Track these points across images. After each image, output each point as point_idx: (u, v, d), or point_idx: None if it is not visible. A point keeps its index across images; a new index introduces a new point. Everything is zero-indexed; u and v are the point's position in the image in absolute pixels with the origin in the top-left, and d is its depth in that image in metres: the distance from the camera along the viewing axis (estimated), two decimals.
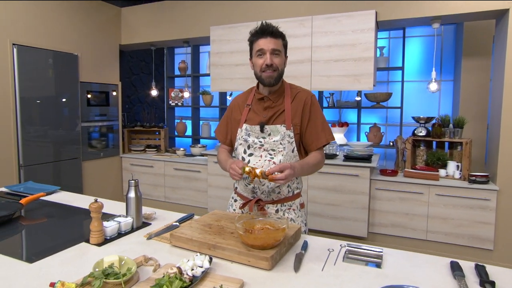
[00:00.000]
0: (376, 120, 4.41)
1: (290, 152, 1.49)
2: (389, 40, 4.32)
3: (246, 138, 1.54)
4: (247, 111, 1.58)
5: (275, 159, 1.48)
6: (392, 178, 3.21)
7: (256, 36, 1.46)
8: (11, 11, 3.22)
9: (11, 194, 2.01)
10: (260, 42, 1.44)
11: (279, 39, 1.45)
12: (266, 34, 1.43)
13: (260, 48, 1.44)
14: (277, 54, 1.45)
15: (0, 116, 3.16)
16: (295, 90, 1.56)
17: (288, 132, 1.49)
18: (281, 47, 1.47)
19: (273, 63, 1.44)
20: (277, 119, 1.52)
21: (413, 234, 3.15)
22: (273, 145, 1.49)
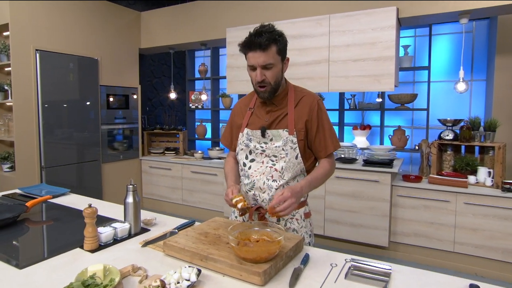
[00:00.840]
0: (401, 122, 4.19)
1: (293, 158, 1.40)
2: (415, 39, 4.10)
3: (248, 143, 1.46)
4: (249, 115, 1.50)
5: (277, 166, 1.40)
6: (416, 184, 3.01)
7: (244, 49, 1.33)
8: (34, 18, 3.33)
9: (24, 196, 2.05)
10: (250, 56, 1.32)
11: (270, 49, 1.29)
12: (255, 48, 1.29)
13: (250, 64, 1.34)
14: (270, 67, 1.32)
15: (24, 119, 3.27)
16: (300, 94, 1.46)
17: (291, 137, 1.39)
18: (275, 58, 1.32)
19: (264, 78, 1.34)
20: (279, 123, 1.42)
21: (439, 245, 2.94)
22: (275, 151, 1.41)
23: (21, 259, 1.22)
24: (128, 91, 4.40)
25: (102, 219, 1.64)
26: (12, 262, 1.18)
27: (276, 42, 1.31)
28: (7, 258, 1.21)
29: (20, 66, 3.22)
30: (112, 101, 4.17)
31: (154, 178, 4.57)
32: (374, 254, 3.21)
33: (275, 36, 1.30)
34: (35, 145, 3.36)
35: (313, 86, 3.46)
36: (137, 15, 4.55)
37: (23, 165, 3.29)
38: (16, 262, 1.18)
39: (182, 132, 4.81)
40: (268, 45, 1.29)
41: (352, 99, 4.14)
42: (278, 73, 1.36)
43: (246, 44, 1.31)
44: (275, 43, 1.30)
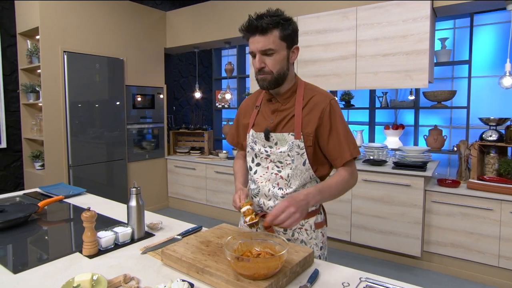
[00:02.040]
0: (438, 122, 3.88)
1: (300, 165, 1.24)
2: (454, 31, 3.76)
3: (253, 145, 1.34)
4: (256, 114, 1.36)
5: (283, 173, 1.26)
6: (453, 189, 2.74)
7: (245, 34, 1.21)
8: (62, 20, 3.43)
9: (42, 195, 2.08)
10: (250, 41, 1.20)
11: (271, 34, 1.15)
12: (254, 32, 1.17)
13: (250, 50, 1.21)
14: (270, 53, 1.17)
15: (52, 119, 3.38)
16: (310, 92, 1.28)
17: (297, 142, 1.23)
18: (276, 43, 1.17)
19: (264, 65, 1.19)
20: (286, 126, 1.26)
21: (480, 258, 2.65)
22: (279, 157, 1.26)
23: (18, 263, 1.19)
24: (154, 91, 4.44)
25: (109, 222, 1.61)
26: (9, 265, 1.15)
27: (279, 25, 1.16)
28: (5, 261, 1.19)
29: (49, 67, 3.33)
30: (138, 101, 4.22)
31: (179, 177, 4.59)
32: (406, 264, 2.97)
33: (278, 20, 1.16)
34: (63, 144, 3.46)
35: (339, 84, 3.27)
36: (163, 15, 4.58)
37: (52, 164, 3.40)
38: (12, 266, 1.15)
39: (207, 131, 4.78)
40: (268, 28, 1.15)
41: (384, 97, 3.89)
42: (282, 62, 1.20)
43: (246, 27, 1.19)
44: (277, 27, 1.16)
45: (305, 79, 1.40)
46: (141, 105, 4.27)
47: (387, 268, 2.93)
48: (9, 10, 3.51)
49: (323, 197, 1.18)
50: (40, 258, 1.24)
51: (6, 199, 1.98)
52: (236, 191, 1.34)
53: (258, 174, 1.32)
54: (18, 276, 1.09)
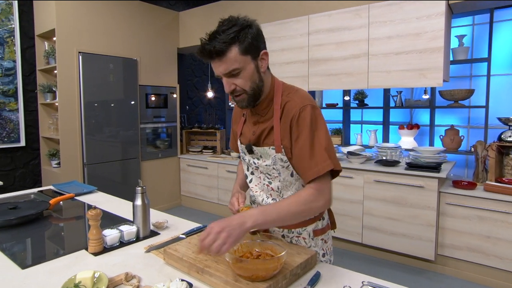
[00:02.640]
0: (455, 121, 3.77)
1: (288, 177, 1.18)
2: (473, 27, 3.65)
3: (243, 156, 1.29)
4: (243, 122, 1.29)
5: (273, 185, 1.22)
6: (468, 191, 2.65)
7: (203, 58, 1.08)
8: (78, 22, 3.51)
9: (56, 192, 2.13)
10: (212, 65, 1.08)
11: (230, 53, 1.02)
12: (211, 56, 1.04)
13: (215, 74, 1.10)
14: (236, 73, 1.06)
15: (68, 118, 3.47)
16: (285, 99, 1.14)
17: (279, 155, 1.14)
18: (239, 60, 1.04)
19: (234, 87, 1.09)
20: (266, 139, 1.17)
21: (498, 264, 2.55)
22: (266, 169, 1.21)
23: (27, 258, 1.23)
24: (167, 91, 4.49)
25: (116, 220, 1.63)
26: (18, 261, 1.19)
27: (235, 41, 1.02)
28: (15, 256, 1.22)
29: (65, 68, 3.42)
30: (151, 100, 4.28)
31: (191, 176, 4.62)
32: (419, 267, 2.90)
33: (232, 35, 1.02)
34: (78, 142, 3.55)
35: (351, 82, 3.22)
36: (176, 15, 4.62)
37: (68, 162, 3.49)
38: (20, 261, 1.19)
39: (219, 131, 4.80)
40: (226, 49, 1.02)
41: (398, 96, 3.81)
42: (252, 76, 1.08)
43: (200, 53, 1.06)
44: (234, 43, 1.02)
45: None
46: (154, 104, 4.32)
47: (399, 271, 2.87)
48: (28, 13, 3.62)
49: (267, 219, 1.01)
50: (47, 254, 1.27)
51: (21, 196, 2.05)
52: (233, 194, 1.32)
53: (253, 183, 1.30)
54: (25, 272, 1.12)
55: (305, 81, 3.44)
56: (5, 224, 1.50)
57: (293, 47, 3.51)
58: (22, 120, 3.58)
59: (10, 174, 3.57)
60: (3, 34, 3.43)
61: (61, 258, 1.22)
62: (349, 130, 4.46)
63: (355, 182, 3.09)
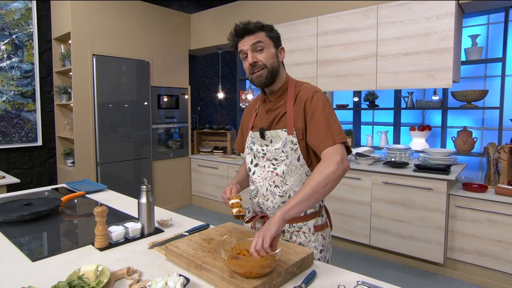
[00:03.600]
0: (468, 123, 3.70)
1: (294, 161, 1.26)
2: (488, 27, 3.57)
3: (252, 146, 1.38)
4: (254, 117, 1.42)
5: (278, 170, 1.28)
6: (479, 194, 2.61)
7: (234, 41, 1.29)
8: (92, 25, 3.63)
9: (68, 190, 2.22)
10: (239, 45, 1.28)
11: (259, 33, 1.25)
12: (242, 35, 1.26)
13: (240, 50, 1.28)
14: (260, 49, 1.25)
15: (82, 119, 3.58)
16: (298, 89, 1.31)
17: (290, 137, 1.26)
18: (264, 39, 1.25)
19: (257, 60, 1.25)
20: (278, 123, 1.30)
21: (509, 269, 2.49)
22: (275, 154, 1.29)
23: (37, 251, 1.29)
24: (179, 92, 4.57)
25: (123, 217, 1.69)
26: (29, 254, 1.25)
27: (264, 28, 1.26)
28: (27, 249, 1.29)
29: (79, 70, 3.53)
30: (163, 101, 4.36)
31: (202, 176, 4.69)
32: (427, 271, 2.87)
33: (263, 24, 1.27)
34: (91, 142, 3.66)
35: (360, 84, 3.21)
36: (187, 17, 4.70)
37: (82, 161, 3.61)
38: (31, 254, 1.25)
39: (229, 131, 4.85)
40: (256, 29, 1.25)
41: (410, 97, 3.77)
42: (273, 57, 1.27)
43: (234, 33, 1.27)
44: (262, 29, 1.26)
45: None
46: (166, 105, 4.41)
47: (407, 273, 2.84)
48: (46, 18, 3.75)
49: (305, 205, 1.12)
50: (57, 249, 1.33)
51: (35, 193, 2.14)
52: (228, 185, 1.39)
53: (256, 174, 1.35)
54: (35, 264, 1.18)
55: (313, 82, 3.44)
56: (19, 220, 1.57)
57: (302, 48, 3.53)
58: (39, 120, 3.72)
59: (28, 172, 3.71)
60: (23, 38, 3.57)
61: (69, 252, 1.28)
62: (359, 131, 4.43)
63: (363, 183, 3.08)
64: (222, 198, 1.33)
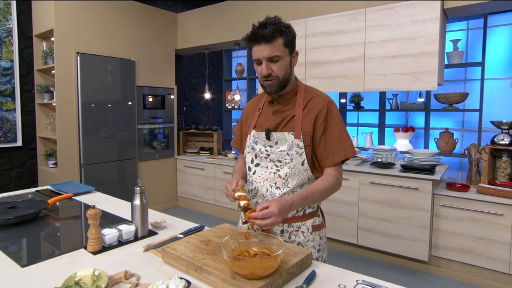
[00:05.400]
0: (450, 124, 3.82)
1: (298, 164, 1.27)
2: (467, 32, 3.70)
3: (254, 145, 1.37)
4: (258, 116, 1.41)
5: (281, 172, 1.28)
6: (462, 193, 2.70)
7: (249, 42, 1.25)
8: (76, 23, 3.53)
9: (53, 192, 2.14)
10: (255, 50, 1.23)
11: (276, 41, 1.20)
12: (259, 40, 1.20)
13: (256, 57, 1.25)
14: (276, 60, 1.22)
15: (65, 119, 3.47)
16: (309, 95, 1.32)
17: (296, 141, 1.27)
18: (281, 50, 1.22)
19: (271, 72, 1.23)
20: (286, 125, 1.31)
21: (490, 265, 2.59)
22: (279, 156, 1.29)
23: (26, 257, 1.24)
24: (165, 92, 4.50)
25: (114, 219, 1.65)
26: (18, 259, 1.20)
27: (282, 33, 1.21)
28: (15, 255, 1.24)
29: (62, 68, 3.42)
30: (148, 101, 4.29)
31: (188, 177, 4.64)
32: (413, 268, 2.94)
33: (281, 28, 1.20)
34: (75, 143, 3.55)
35: (347, 85, 3.26)
36: (174, 16, 4.65)
37: (65, 162, 3.50)
38: (20, 260, 1.20)
39: (216, 132, 4.82)
40: (274, 37, 1.19)
41: (394, 99, 3.86)
42: (286, 67, 1.26)
43: (250, 37, 1.22)
44: (281, 35, 1.21)
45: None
46: (151, 105, 4.34)
47: (393, 272, 2.90)
48: (26, 13, 3.62)
49: (304, 204, 1.23)
50: (47, 253, 1.28)
51: (19, 195, 2.05)
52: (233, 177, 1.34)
53: (256, 174, 1.34)
54: (25, 270, 1.13)
55: None
56: (4, 223, 1.51)
57: None
58: (19, 120, 3.58)
59: (6, 174, 3.57)
60: (1, 34, 3.43)
61: (60, 257, 1.23)
62: None
63: (350, 183, 3.13)
64: (225, 189, 1.29)
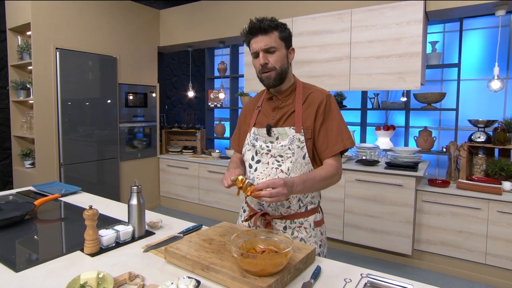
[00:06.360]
0: (428, 123, 3.97)
1: (300, 158, 1.29)
2: (444, 34, 3.86)
3: (254, 142, 1.38)
4: (257, 114, 1.43)
5: (283, 167, 1.29)
6: (443, 189, 2.81)
7: (247, 37, 1.30)
8: (55, 17, 3.38)
9: (36, 193, 2.05)
10: (252, 43, 1.29)
11: (272, 34, 1.26)
12: (256, 33, 1.27)
13: (253, 50, 1.30)
14: (272, 51, 1.27)
15: (44, 117, 3.32)
16: (308, 90, 1.36)
17: (297, 135, 1.29)
18: (277, 42, 1.27)
19: (267, 62, 1.27)
20: (286, 121, 1.33)
21: (468, 256, 2.72)
22: (280, 151, 1.31)
23: (19, 261, 1.18)
24: (147, 90, 4.41)
25: (107, 220, 1.60)
26: (10, 264, 1.14)
27: (278, 27, 1.28)
28: (6, 260, 1.17)
29: (41, 64, 3.27)
30: (130, 99, 4.18)
31: (171, 176, 4.56)
32: (397, 263, 3.04)
33: (277, 23, 1.28)
34: (54, 142, 3.41)
35: (333, 84, 3.32)
36: (156, 13, 4.55)
37: (43, 162, 3.35)
38: (13, 264, 1.14)
39: (200, 131, 4.77)
40: (270, 29, 1.26)
41: (375, 98, 3.96)
42: (283, 59, 1.29)
43: (248, 30, 1.29)
44: (276, 28, 1.27)
45: (300, 79, 1.45)
46: (133, 103, 4.23)
47: (378, 266, 2.99)
48: None
49: (304, 188, 1.20)
50: (41, 257, 1.23)
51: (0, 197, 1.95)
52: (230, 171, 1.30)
53: (258, 171, 1.34)
54: (20, 275, 1.08)
55: None
56: None
57: None
58: None
59: None
60: None
61: (56, 260, 1.18)
62: None
63: None
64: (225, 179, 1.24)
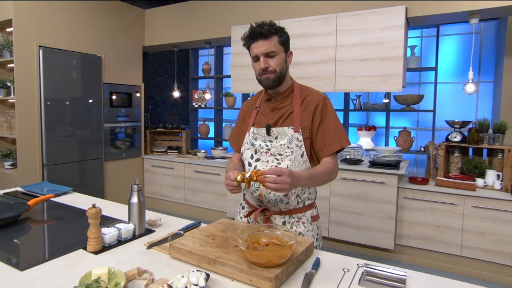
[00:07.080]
0: (407, 124, 4.15)
1: (298, 156, 1.35)
2: (422, 39, 4.05)
3: (253, 142, 1.44)
4: (255, 114, 1.49)
5: (282, 164, 1.36)
6: (422, 186, 2.97)
7: (248, 41, 1.36)
8: (38, 14, 3.30)
9: (25, 194, 2.01)
10: (253, 47, 1.35)
11: (272, 38, 1.31)
12: (257, 38, 1.32)
13: (254, 54, 1.36)
14: (272, 55, 1.33)
15: (26, 116, 3.24)
16: (305, 92, 1.43)
17: (296, 135, 1.36)
18: (277, 46, 1.33)
19: (268, 66, 1.33)
20: (285, 121, 1.40)
21: (445, 249, 2.89)
22: (280, 149, 1.37)
23: (23, 260, 1.18)
24: (131, 89, 4.36)
25: (104, 219, 1.60)
26: (14, 263, 1.14)
27: (277, 32, 1.33)
28: (8, 259, 1.17)
29: (23, 62, 3.19)
30: (115, 99, 4.13)
31: (156, 177, 4.54)
32: (380, 257, 3.17)
33: (276, 27, 1.33)
34: (37, 142, 3.33)
35: (319, 86, 3.41)
36: (141, 12, 4.51)
37: (25, 163, 3.26)
38: (17, 263, 1.14)
39: (185, 131, 4.77)
40: (270, 34, 1.31)
41: (357, 100, 4.10)
42: (282, 62, 1.36)
43: (249, 35, 1.34)
44: (276, 33, 1.33)
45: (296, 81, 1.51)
46: (118, 103, 4.18)
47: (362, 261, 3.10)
48: None
49: (309, 182, 1.27)
50: (43, 256, 1.23)
51: None
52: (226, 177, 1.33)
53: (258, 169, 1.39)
54: (25, 273, 1.08)
55: None
56: None
57: None
58: None
59: None
60: None
61: (59, 258, 1.19)
62: None
63: None
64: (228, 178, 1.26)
